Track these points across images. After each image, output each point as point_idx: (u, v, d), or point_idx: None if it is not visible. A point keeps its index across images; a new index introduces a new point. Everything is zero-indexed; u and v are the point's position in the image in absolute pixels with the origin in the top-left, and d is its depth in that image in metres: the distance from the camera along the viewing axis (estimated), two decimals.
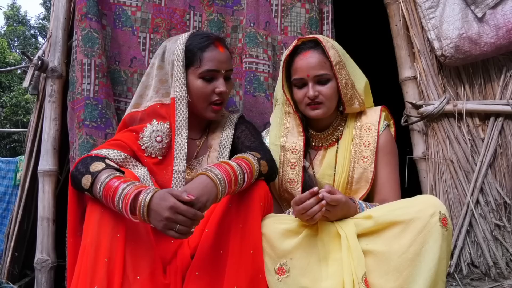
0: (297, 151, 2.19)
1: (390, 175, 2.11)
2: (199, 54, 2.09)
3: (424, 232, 1.60)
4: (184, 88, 2.08)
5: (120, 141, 2.06)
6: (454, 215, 2.69)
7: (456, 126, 2.77)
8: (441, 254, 1.59)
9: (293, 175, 2.18)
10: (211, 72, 2.10)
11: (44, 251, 2.65)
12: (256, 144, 2.14)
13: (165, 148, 2.11)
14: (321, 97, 2.11)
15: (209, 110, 2.14)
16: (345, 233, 1.73)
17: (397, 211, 1.69)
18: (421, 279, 1.58)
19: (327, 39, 2.17)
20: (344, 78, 2.12)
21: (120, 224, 1.73)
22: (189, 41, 2.13)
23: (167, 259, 1.86)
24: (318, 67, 2.10)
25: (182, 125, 2.07)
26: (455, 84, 2.86)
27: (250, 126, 2.29)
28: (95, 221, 1.72)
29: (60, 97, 2.80)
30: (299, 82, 2.15)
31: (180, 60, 2.09)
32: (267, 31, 2.81)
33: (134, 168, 2.04)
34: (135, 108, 2.22)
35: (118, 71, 2.73)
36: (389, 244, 1.65)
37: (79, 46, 2.61)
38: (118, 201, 1.66)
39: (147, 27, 2.79)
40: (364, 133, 2.17)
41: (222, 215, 1.80)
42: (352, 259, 1.67)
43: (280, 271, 1.71)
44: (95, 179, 1.73)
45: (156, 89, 2.20)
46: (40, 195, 2.74)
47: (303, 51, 2.14)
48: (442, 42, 2.71)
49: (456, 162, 2.75)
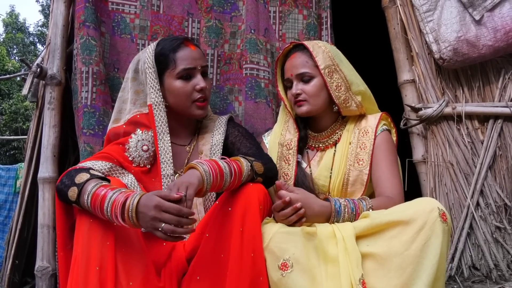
0: (291, 146, 2.28)
1: (388, 170, 2.11)
2: (172, 55, 2.14)
3: (425, 228, 1.62)
4: (159, 94, 2.13)
5: (106, 153, 2.09)
6: (455, 217, 2.70)
7: (456, 128, 2.77)
8: (442, 249, 1.61)
9: (287, 170, 2.25)
10: (188, 71, 2.14)
11: (44, 259, 2.66)
12: (253, 150, 2.17)
13: (152, 156, 2.14)
14: (303, 95, 2.21)
15: (194, 108, 2.17)
16: (341, 234, 1.73)
17: (395, 214, 1.70)
18: (425, 275, 1.59)
19: (320, 45, 2.25)
20: (335, 81, 2.19)
21: (109, 232, 1.76)
22: (158, 47, 2.18)
23: (161, 262, 1.88)
24: (300, 66, 2.21)
25: (162, 129, 2.12)
26: (454, 87, 2.87)
27: (242, 130, 2.32)
28: (84, 231, 1.75)
29: (59, 104, 2.81)
30: (288, 82, 2.29)
31: (151, 67, 2.14)
32: (266, 38, 2.84)
33: (121, 176, 2.07)
34: (115, 123, 2.25)
35: (117, 78, 2.75)
36: (390, 243, 1.66)
37: (79, 55, 2.63)
38: (106, 209, 1.68)
39: (146, 34, 2.81)
40: (361, 136, 2.20)
41: (222, 219, 1.82)
42: (349, 261, 1.67)
43: (284, 267, 1.72)
44: (82, 190, 1.75)
45: (134, 100, 2.23)
46: (40, 202, 2.74)
47: (291, 54, 2.28)
48: (440, 45, 2.72)
49: (456, 164, 2.75)
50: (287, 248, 1.74)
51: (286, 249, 1.74)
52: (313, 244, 1.76)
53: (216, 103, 2.81)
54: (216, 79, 2.85)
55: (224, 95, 2.84)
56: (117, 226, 1.75)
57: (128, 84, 2.25)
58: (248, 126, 2.68)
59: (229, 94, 2.85)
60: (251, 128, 2.67)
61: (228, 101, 2.83)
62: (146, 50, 2.21)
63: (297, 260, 1.72)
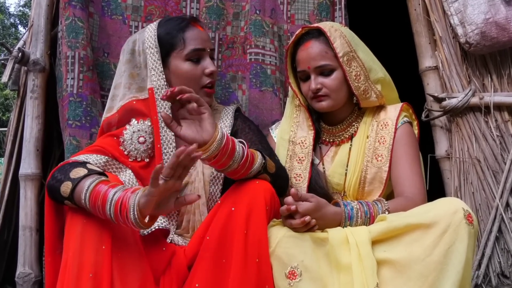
0: (306, 145, 2.25)
1: (409, 167, 2.09)
2: (181, 35, 2.15)
3: (449, 231, 1.62)
4: (162, 76, 2.14)
5: (99, 146, 2.08)
6: (482, 220, 2.70)
7: (483, 121, 2.77)
8: (467, 254, 1.61)
9: (299, 170, 2.22)
10: (198, 52, 2.16)
11: (26, 264, 2.67)
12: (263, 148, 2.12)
13: (150, 148, 2.13)
14: (324, 90, 2.16)
15: (202, 94, 2.14)
16: (355, 239, 1.73)
17: (416, 216, 1.71)
18: (449, 284, 1.60)
19: (335, 27, 2.21)
20: (354, 70, 2.16)
21: (106, 234, 1.75)
22: (161, 27, 2.19)
23: (160, 269, 1.88)
24: (319, 57, 2.15)
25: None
26: (481, 75, 2.86)
27: (253, 127, 2.32)
28: (77, 233, 1.73)
29: (43, 93, 2.82)
30: (302, 75, 2.22)
31: (153, 47, 2.15)
32: (273, 19, 2.81)
33: (118, 171, 2.07)
34: (108, 112, 2.23)
35: (107, 63, 2.75)
36: (409, 248, 1.66)
37: (64, 38, 2.62)
38: (109, 208, 1.67)
39: (139, 15, 2.80)
40: (380, 129, 2.19)
41: (224, 221, 1.81)
42: (363, 268, 1.68)
43: (292, 275, 1.72)
44: (77, 186, 1.74)
45: (128, 85, 2.21)
46: (21, 201, 2.75)
47: (305, 41, 2.20)
48: (466, 28, 2.71)
49: (483, 161, 2.75)
50: (295, 254, 1.75)
51: (294, 256, 1.74)
52: (324, 251, 1.76)
53: (217, 92, 2.78)
54: (217, 65, 2.82)
55: (226, 83, 2.83)
56: (114, 228, 1.75)
57: (122, 67, 2.24)
58: (253, 117, 2.66)
59: (232, 82, 2.84)
60: (255, 120, 2.64)
61: (230, 90, 2.82)
62: (146, 30, 2.21)
63: (306, 267, 1.72)
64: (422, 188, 2.09)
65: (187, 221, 2.11)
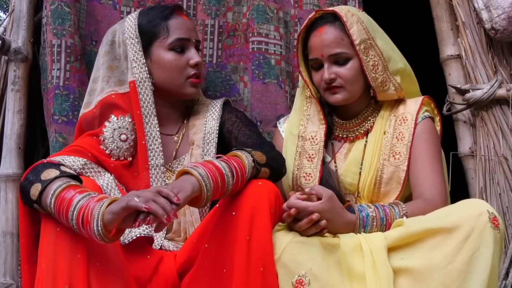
0: (317, 141, 2.24)
1: (429, 166, 2.09)
2: (164, 23, 2.19)
3: (472, 236, 1.62)
4: (144, 68, 2.17)
5: (78, 146, 2.10)
6: (509, 223, 2.68)
7: (511, 115, 2.75)
8: (493, 261, 1.61)
9: (309, 169, 2.21)
10: (182, 41, 2.20)
11: (7, 274, 2.66)
12: (253, 138, 2.17)
13: (133, 146, 2.15)
14: (339, 80, 2.14)
15: (187, 85, 2.21)
16: (369, 246, 1.73)
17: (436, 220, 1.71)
18: None
19: (352, 12, 2.20)
20: (372, 59, 2.15)
21: (80, 242, 1.75)
22: (143, 16, 2.24)
23: (145, 277, 1.90)
24: (334, 44, 2.14)
25: (149, 111, 2.14)
26: (509, 64, 2.84)
27: (241, 115, 2.34)
28: (50, 241, 1.75)
29: (25, 85, 2.81)
30: (315, 63, 2.20)
31: (133, 37, 2.19)
32: (278, 4, 2.81)
33: (96, 175, 2.08)
34: (86, 108, 2.26)
35: (95, 53, 2.69)
36: (429, 256, 1.66)
37: (49, 24, 2.61)
38: (71, 217, 1.66)
39: (132, 1, 2.80)
40: (398, 125, 2.18)
41: (224, 226, 1.81)
42: (378, 277, 1.67)
43: (299, 284, 1.71)
44: (45, 188, 1.74)
45: (107, 78, 2.25)
46: (2, 204, 2.74)
47: (318, 26, 2.19)
48: (492, 13, 2.68)
49: (511, 159, 2.72)
50: (303, 262, 1.74)
51: (302, 263, 1.74)
52: (334, 258, 1.76)
53: (217, 85, 2.79)
54: (217, 56, 2.83)
55: (226, 74, 2.82)
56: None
57: (100, 60, 2.28)
58: (256, 112, 2.68)
59: (233, 73, 2.83)
60: (258, 115, 2.67)
61: (231, 82, 2.82)
62: (126, 20, 2.26)
63: (315, 276, 1.71)
64: (443, 189, 2.08)
65: (177, 223, 2.13)
